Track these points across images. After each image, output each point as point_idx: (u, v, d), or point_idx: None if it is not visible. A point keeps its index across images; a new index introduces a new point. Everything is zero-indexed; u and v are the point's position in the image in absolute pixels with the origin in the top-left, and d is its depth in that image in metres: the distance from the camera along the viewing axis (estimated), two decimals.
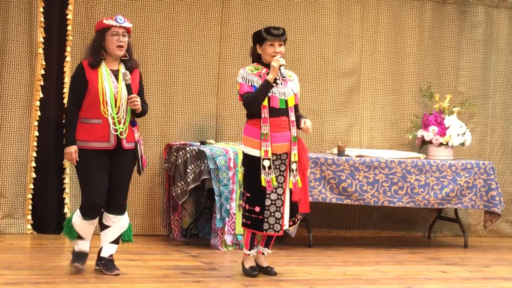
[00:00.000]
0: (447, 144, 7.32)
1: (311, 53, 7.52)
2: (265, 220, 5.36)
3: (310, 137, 7.45)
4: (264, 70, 5.39)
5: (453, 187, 7.01)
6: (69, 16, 6.82)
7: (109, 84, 5.04)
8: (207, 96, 7.23)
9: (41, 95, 6.79)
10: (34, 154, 6.78)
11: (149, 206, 7.05)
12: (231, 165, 6.52)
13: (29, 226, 6.81)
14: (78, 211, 5.17)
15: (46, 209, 6.81)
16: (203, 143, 6.90)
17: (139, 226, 6.99)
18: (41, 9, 6.77)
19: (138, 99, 5.10)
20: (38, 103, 6.79)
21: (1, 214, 6.75)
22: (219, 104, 7.26)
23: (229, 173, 6.50)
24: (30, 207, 6.80)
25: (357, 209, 7.59)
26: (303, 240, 6.92)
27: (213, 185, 6.47)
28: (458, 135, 7.33)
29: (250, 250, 5.47)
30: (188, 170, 6.52)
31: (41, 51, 6.78)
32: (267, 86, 5.30)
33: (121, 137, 5.07)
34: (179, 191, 6.57)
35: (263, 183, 5.30)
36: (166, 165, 6.89)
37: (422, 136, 7.44)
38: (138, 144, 5.17)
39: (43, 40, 6.78)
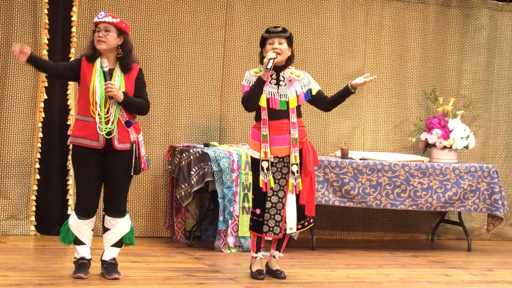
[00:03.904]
0: (450, 147, 7.32)
1: (314, 56, 7.53)
2: (265, 222, 5.36)
3: (314, 139, 7.45)
4: (269, 71, 5.39)
5: (456, 190, 7.01)
6: (74, 18, 6.84)
7: (101, 83, 5.01)
8: (211, 98, 7.24)
9: (45, 97, 6.80)
10: (38, 156, 6.79)
11: (152, 208, 7.06)
12: (235, 167, 6.53)
13: (33, 228, 6.81)
14: (73, 212, 5.15)
15: (49, 210, 6.82)
16: (206, 145, 6.90)
17: (142, 228, 6.99)
18: (46, 11, 6.78)
19: (114, 86, 4.97)
20: (42, 105, 6.80)
21: (5, 215, 6.76)
22: (223, 106, 7.27)
23: (232, 175, 6.50)
24: (34, 208, 6.81)
25: (360, 212, 7.59)
26: (306, 242, 6.92)
27: (217, 187, 6.47)
28: (462, 138, 7.33)
29: (256, 252, 5.46)
30: (192, 172, 6.52)
31: (45, 52, 6.78)
32: (258, 83, 5.28)
33: (107, 137, 5.00)
34: (183, 193, 6.57)
35: (260, 184, 5.32)
36: (169, 167, 6.89)
37: (426, 139, 7.44)
38: (134, 144, 5.08)
39: (47, 42, 6.79)
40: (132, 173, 5.13)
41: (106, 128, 4.99)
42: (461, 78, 7.94)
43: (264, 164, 5.34)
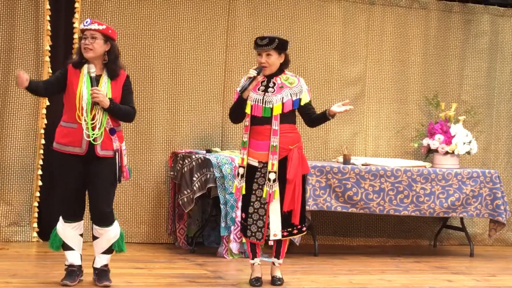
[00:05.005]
0: (453, 152, 7.31)
1: (316, 62, 7.54)
2: (248, 227, 5.37)
3: (315, 145, 7.45)
4: (261, 78, 5.41)
5: (459, 196, 7.00)
6: (76, 25, 6.85)
7: (88, 89, 4.99)
8: (213, 105, 7.25)
9: (48, 103, 6.81)
10: (41, 162, 6.79)
11: (155, 214, 7.06)
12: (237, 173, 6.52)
13: (35, 234, 6.81)
14: (60, 217, 5.13)
15: (52, 217, 6.77)
16: (208, 151, 6.90)
17: (144, 234, 6.99)
18: (48, 18, 6.79)
19: (100, 92, 4.96)
20: (44, 111, 6.81)
21: (7, 222, 6.76)
22: (225, 113, 7.26)
23: (234, 181, 6.50)
24: (36, 215, 6.81)
25: (362, 218, 7.58)
26: (308, 248, 6.91)
27: (219, 193, 6.47)
28: (464, 143, 7.33)
29: (253, 259, 5.45)
30: (194, 178, 6.53)
31: (47, 59, 6.80)
32: (239, 101, 5.35)
33: (94, 143, 4.97)
34: (185, 199, 6.57)
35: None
36: (172, 173, 6.89)
37: (428, 145, 7.44)
38: (117, 153, 5.05)
39: (49, 48, 6.80)
40: (119, 181, 5.09)
41: (93, 134, 4.98)
42: (463, 84, 7.94)
43: (240, 171, 5.37)
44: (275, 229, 5.35)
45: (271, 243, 5.49)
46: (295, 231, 5.41)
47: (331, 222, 7.53)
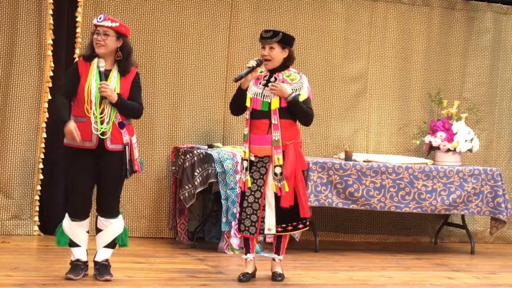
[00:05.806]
0: (454, 150, 7.31)
1: (318, 58, 7.53)
2: (242, 221, 5.36)
3: (316, 141, 7.45)
4: (264, 72, 5.41)
5: (460, 193, 7.00)
6: (78, 18, 6.85)
7: (97, 82, 4.98)
8: (215, 100, 7.25)
9: (50, 97, 6.81)
10: (42, 156, 6.80)
11: (156, 209, 7.06)
12: (238, 168, 6.53)
13: (36, 228, 6.82)
14: (66, 214, 5.12)
15: (53, 210, 6.81)
16: (210, 146, 6.91)
17: (145, 228, 7.00)
18: (50, 11, 6.79)
19: (108, 87, 4.95)
20: (46, 105, 6.81)
21: (9, 215, 6.77)
22: (227, 108, 7.23)
23: (236, 177, 6.50)
24: (37, 208, 6.82)
25: (364, 214, 7.58)
26: (309, 244, 6.92)
27: (220, 189, 6.48)
28: (466, 141, 7.33)
29: (246, 254, 5.44)
30: (196, 173, 6.53)
31: (50, 53, 6.80)
32: (238, 91, 5.38)
33: (102, 137, 4.97)
34: (186, 194, 6.57)
35: (240, 183, 5.36)
36: (173, 168, 6.89)
37: (430, 142, 7.43)
38: (127, 146, 5.06)
39: (52, 42, 6.80)
40: (124, 176, 5.09)
41: (101, 128, 4.98)
42: (465, 81, 7.94)
43: (244, 164, 5.36)
44: (270, 224, 5.33)
45: (268, 239, 5.48)
46: (290, 228, 5.38)
47: (332, 219, 7.53)
